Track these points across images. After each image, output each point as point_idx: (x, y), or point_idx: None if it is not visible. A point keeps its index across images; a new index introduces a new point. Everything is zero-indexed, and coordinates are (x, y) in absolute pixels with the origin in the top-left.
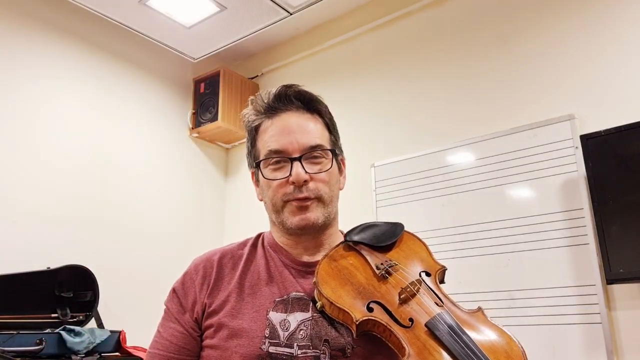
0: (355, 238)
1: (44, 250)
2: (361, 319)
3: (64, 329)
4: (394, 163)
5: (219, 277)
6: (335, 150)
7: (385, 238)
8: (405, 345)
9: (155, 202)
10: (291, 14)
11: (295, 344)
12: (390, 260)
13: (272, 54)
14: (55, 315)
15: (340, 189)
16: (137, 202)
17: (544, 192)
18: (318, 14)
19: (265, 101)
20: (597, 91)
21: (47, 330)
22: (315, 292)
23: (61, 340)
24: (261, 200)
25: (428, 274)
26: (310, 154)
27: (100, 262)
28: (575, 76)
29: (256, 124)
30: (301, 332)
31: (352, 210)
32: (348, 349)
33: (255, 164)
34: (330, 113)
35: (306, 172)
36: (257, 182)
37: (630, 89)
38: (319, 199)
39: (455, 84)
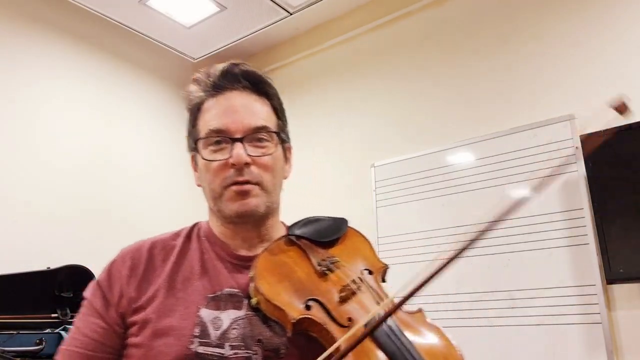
0: (298, 232)
1: (44, 250)
2: (298, 318)
3: (64, 329)
4: (394, 163)
5: (149, 269)
6: (282, 135)
7: (328, 233)
8: (339, 345)
9: (156, 202)
10: (291, 14)
11: (226, 344)
12: (332, 256)
13: (272, 54)
14: (55, 315)
15: (285, 178)
16: (137, 202)
17: (544, 192)
18: (318, 14)
19: (211, 78)
20: (597, 91)
21: (47, 330)
22: (251, 287)
23: (61, 340)
24: (199, 185)
25: (370, 272)
26: (253, 135)
27: (100, 262)
28: (575, 76)
29: (198, 101)
30: (233, 331)
31: (352, 210)
32: (282, 349)
33: (194, 145)
34: (279, 97)
35: (248, 154)
36: (195, 165)
37: (630, 89)
38: (261, 185)
39: (455, 84)
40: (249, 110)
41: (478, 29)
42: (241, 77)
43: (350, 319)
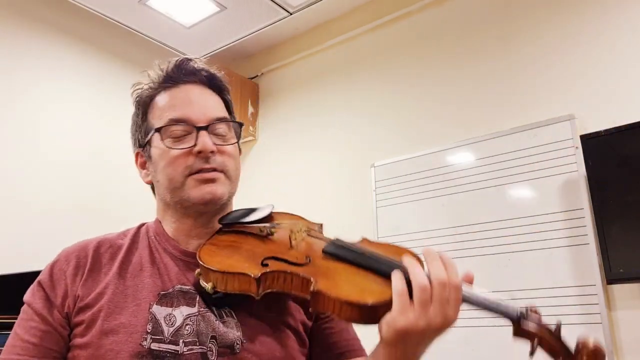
0: (229, 219)
1: (44, 249)
2: (260, 274)
3: None
4: (394, 163)
5: (95, 268)
6: (237, 122)
7: (258, 214)
8: (308, 277)
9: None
10: (291, 14)
11: (180, 341)
12: (272, 223)
13: (272, 54)
14: None
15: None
16: (138, 202)
17: (544, 192)
18: (318, 14)
19: (164, 72)
20: (597, 91)
21: None
22: (201, 277)
23: None
24: (149, 182)
25: (309, 231)
26: (215, 125)
27: None
28: (575, 76)
29: (150, 94)
30: (187, 328)
31: (352, 210)
32: (237, 344)
33: (146, 138)
34: (229, 94)
35: (214, 143)
36: (144, 162)
37: (630, 89)
38: (226, 174)
39: (455, 84)
40: (207, 102)
41: (478, 29)
42: (196, 71)
43: (307, 257)
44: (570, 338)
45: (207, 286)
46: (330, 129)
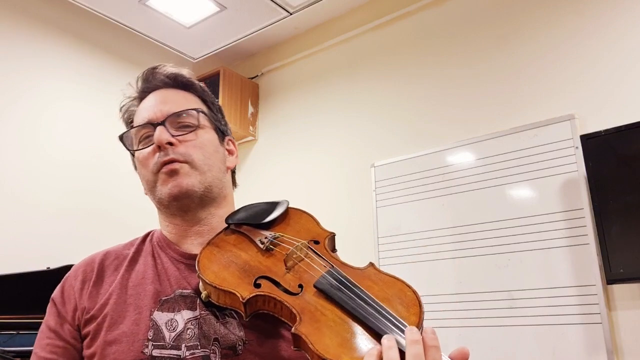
0: (236, 219)
1: (44, 249)
2: (248, 297)
3: None
4: (394, 163)
5: (99, 280)
6: (211, 120)
7: (266, 215)
8: (296, 313)
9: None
10: (291, 14)
11: (182, 345)
12: (274, 233)
13: (272, 53)
14: None
15: (229, 168)
16: (139, 203)
17: (544, 192)
18: (318, 14)
19: (136, 87)
20: (597, 91)
21: None
22: (200, 283)
23: None
24: (146, 194)
25: (317, 242)
26: (175, 119)
27: None
28: (576, 76)
29: (130, 112)
30: (189, 332)
31: (352, 210)
32: (239, 345)
33: (129, 150)
34: (207, 91)
35: (172, 135)
36: (136, 168)
37: (631, 89)
38: (190, 164)
39: (455, 84)
40: (169, 100)
41: (478, 29)
42: (162, 76)
43: (300, 285)
44: (570, 338)
45: (203, 294)
46: (330, 129)
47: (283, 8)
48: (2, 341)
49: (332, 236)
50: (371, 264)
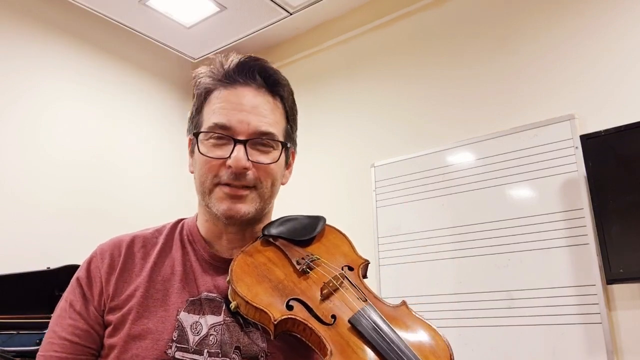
0: (274, 232)
1: (43, 248)
2: (280, 319)
3: None
4: (394, 163)
5: (127, 266)
6: (287, 144)
7: (305, 232)
8: (327, 344)
9: (157, 202)
10: (291, 14)
11: (205, 350)
12: (311, 254)
13: (272, 54)
14: None
15: (283, 184)
16: (139, 203)
17: (544, 192)
18: (318, 14)
19: (225, 67)
20: (597, 91)
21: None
22: (229, 291)
23: None
24: (192, 172)
25: (351, 268)
26: (258, 140)
27: None
28: (576, 76)
29: (208, 88)
30: (212, 338)
31: (352, 210)
32: (261, 357)
33: (194, 133)
34: (293, 100)
35: (248, 159)
36: (192, 152)
37: (631, 89)
38: (257, 191)
39: (455, 84)
40: (258, 111)
41: (478, 29)
42: (258, 73)
43: (334, 316)
44: (570, 338)
45: (232, 304)
46: (330, 129)
47: (283, 8)
48: (2, 341)
49: (366, 264)
50: (404, 303)
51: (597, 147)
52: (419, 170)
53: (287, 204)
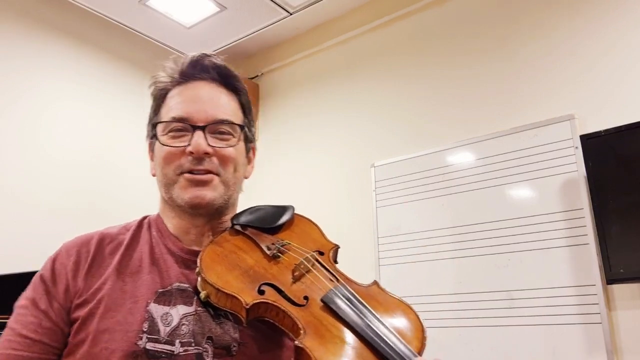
0: (242, 220)
1: (44, 250)
2: (252, 303)
3: None
4: (394, 163)
5: (95, 262)
6: (244, 127)
7: (274, 219)
8: (300, 325)
9: (157, 202)
10: (291, 14)
11: (177, 341)
12: (282, 240)
13: (272, 54)
14: None
15: (246, 178)
16: (139, 203)
17: (543, 192)
18: (318, 14)
19: (179, 67)
20: (597, 91)
21: None
22: (199, 281)
23: None
24: (154, 175)
25: (321, 253)
26: (216, 127)
27: None
28: (576, 76)
29: (163, 88)
30: (183, 328)
31: (352, 210)
32: (234, 346)
33: (153, 125)
34: (247, 95)
35: (209, 145)
36: (152, 154)
37: (630, 89)
38: (221, 177)
39: (455, 84)
40: (215, 101)
41: (478, 29)
42: (211, 68)
43: (306, 297)
44: (570, 338)
45: (202, 293)
46: (330, 129)
47: (283, 8)
48: None
49: (336, 248)
50: (375, 282)
51: (597, 147)
52: (419, 170)
53: (287, 204)
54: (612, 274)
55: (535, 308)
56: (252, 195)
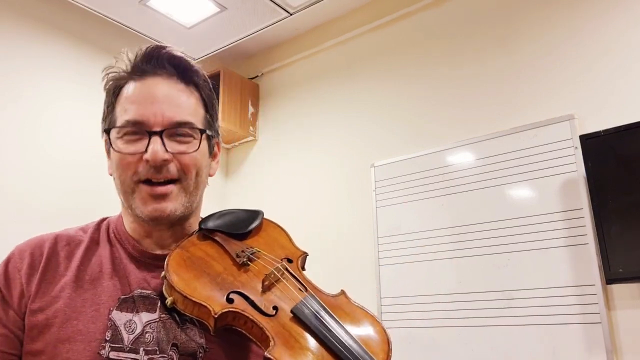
0: (211, 225)
1: None
2: (220, 312)
3: None
4: (394, 163)
5: (50, 266)
6: (207, 132)
7: (243, 225)
8: (269, 335)
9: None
10: (291, 15)
11: (141, 349)
12: (251, 247)
13: (272, 54)
14: None
15: (211, 176)
16: None
17: (543, 192)
18: (318, 15)
19: (133, 60)
20: (597, 91)
21: None
22: (165, 286)
23: None
24: (111, 174)
25: (290, 261)
26: (174, 130)
27: None
28: (575, 76)
29: (117, 83)
30: (147, 335)
31: (352, 210)
32: (199, 353)
33: (106, 130)
34: (210, 88)
35: (167, 151)
36: (108, 152)
37: (630, 89)
38: (181, 184)
39: (455, 84)
40: (172, 101)
41: (478, 29)
42: (167, 62)
43: (275, 307)
44: (569, 338)
45: (167, 300)
46: (330, 129)
47: (283, 8)
48: None
49: (305, 256)
50: (343, 292)
51: (596, 147)
52: (419, 170)
53: (287, 204)
54: (612, 274)
55: (535, 308)
56: (252, 194)
